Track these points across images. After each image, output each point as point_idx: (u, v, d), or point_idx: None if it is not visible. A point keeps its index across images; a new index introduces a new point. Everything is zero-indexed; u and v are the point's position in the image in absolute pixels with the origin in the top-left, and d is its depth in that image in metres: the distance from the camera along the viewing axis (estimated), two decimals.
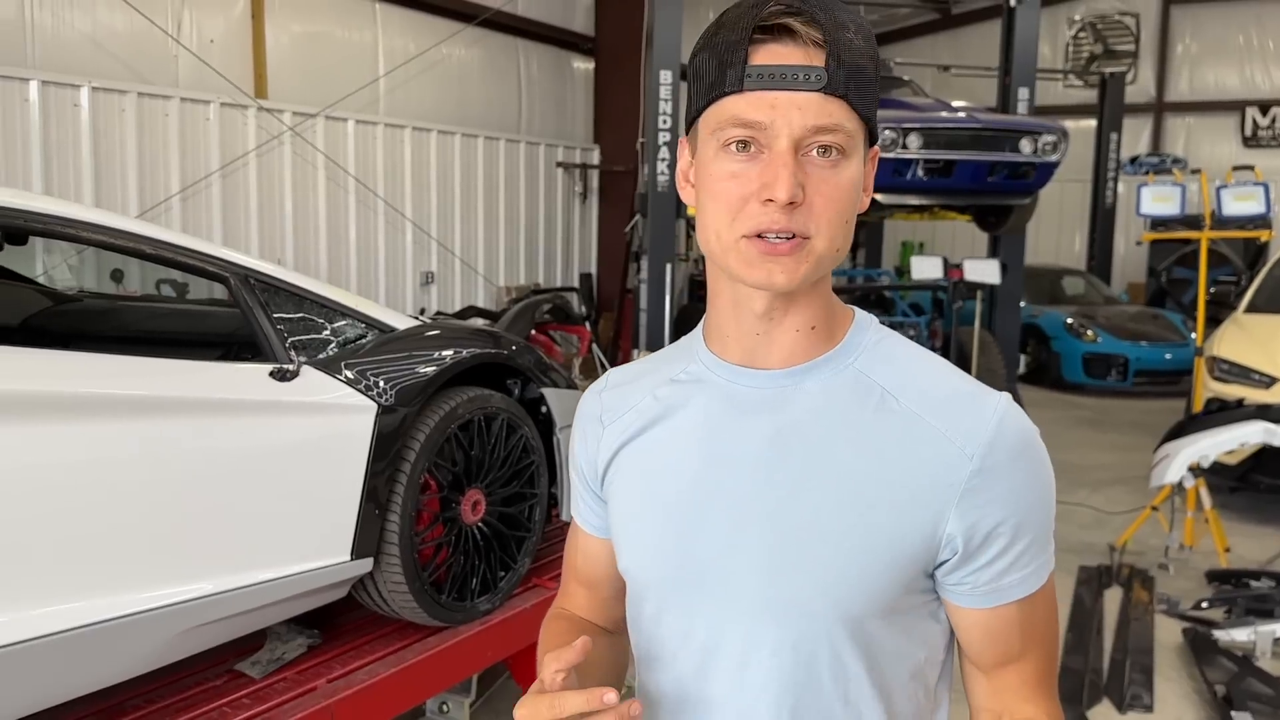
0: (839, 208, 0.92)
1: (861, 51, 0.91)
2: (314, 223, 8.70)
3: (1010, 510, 0.94)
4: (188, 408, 2.44)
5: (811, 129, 0.90)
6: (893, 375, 0.98)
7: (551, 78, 11.29)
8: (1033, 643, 1.00)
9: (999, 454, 0.93)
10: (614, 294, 11.73)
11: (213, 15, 7.85)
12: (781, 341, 0.99)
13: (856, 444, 0.95)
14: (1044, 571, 0.98)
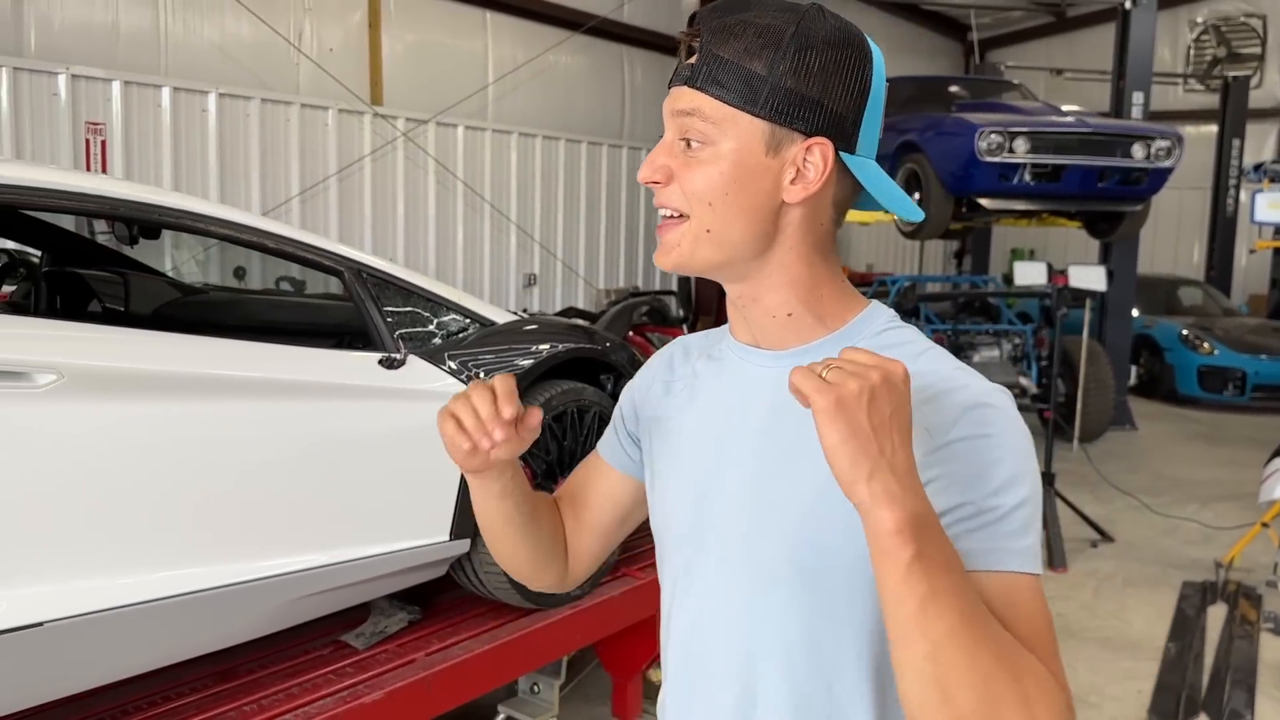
0: (705, 186, 1.00)
1: (742, 48, 0.99)
2: (423, 224, 9.00)
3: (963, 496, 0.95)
4: (305, 391, 2.61)
5: (680, 112, 1.01)
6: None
7: (654, 83, 11.42)
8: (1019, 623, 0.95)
9: (960, 442, 0.95)
10: (712, 298, 11.77)
11: (332, 25, 8.20)
12: (764, 326, 1.07)
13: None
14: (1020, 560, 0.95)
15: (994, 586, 0.94)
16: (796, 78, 0.99)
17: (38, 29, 6.52)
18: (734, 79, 0.99)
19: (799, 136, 1.01)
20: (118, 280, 3.34)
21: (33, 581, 2.11)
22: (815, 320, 1.06)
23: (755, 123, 1.00)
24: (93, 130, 6.67)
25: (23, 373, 2.07)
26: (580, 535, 1.31)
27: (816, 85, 1.00)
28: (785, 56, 0.99)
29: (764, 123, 1.00)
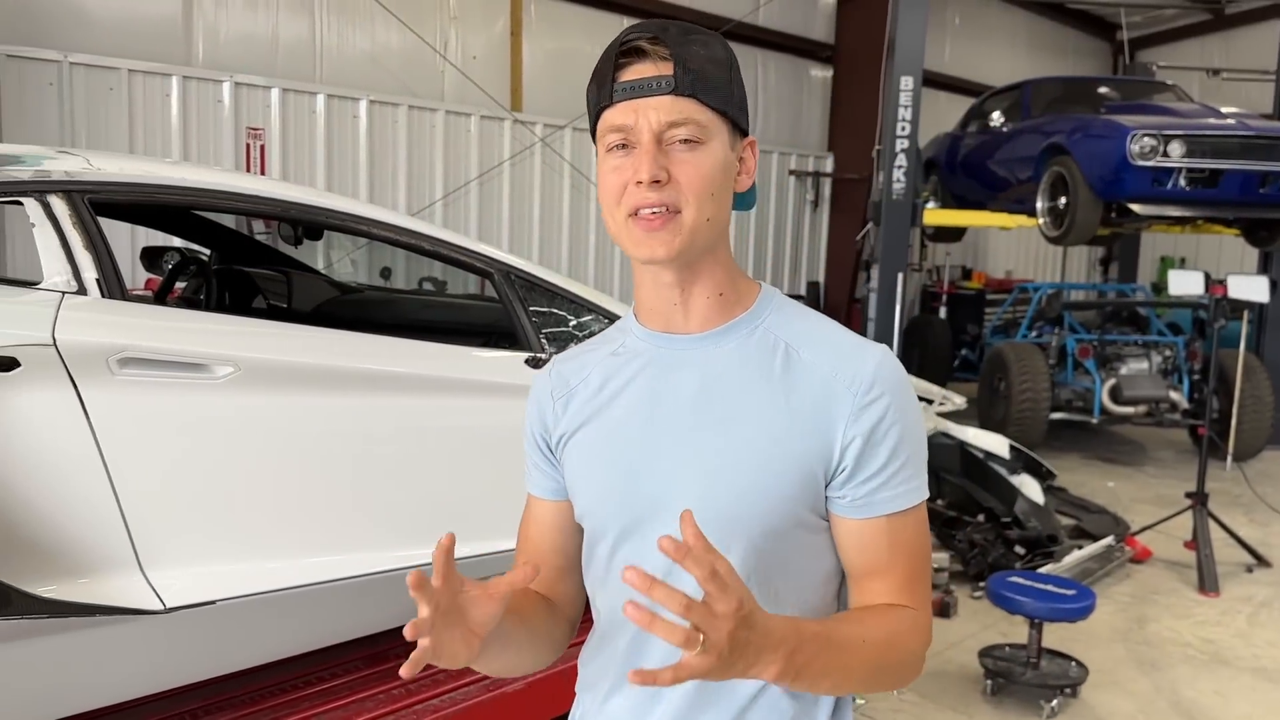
0: (701, 183, 1.12)
1: (707, 59, 1.13)
2: (558, 227, 9.16)
3: (884, 435, 1.13)
4: (457, 388, 2.70)
5: (666, 124, 1.12)
6: (794, 334, 1.19)
7: (788, 86, 11.34)
8: (900, 557, 1.16)
9: (876, 390, 1.14)
10: (841, 303, 11.63)
11: (476, 34, 8.44)
12: (696, 308, 1.20)
13: (768, 390, 1.16)
14: (913, 496, 1.16)
15: (884, 527, 1.15)
16: (739, 89, 1.17)
17: (205, 40, 6.91)
18: (714, 87, 1.13)
19: (740, 136, 1.18)
20: (281, 278, 3.51)
21: (207, 561, 2.24)
22: (737, 299, 1.21)
23: (724, 124, 1.15)
24: (253, 135, 7.04)
25: (204, 364, 2.21)
26: (560, 581, 1.33)
27: (741, 95, 1.18)
28: (731, 72, 1.16)
29: (728, 124, 1.16)
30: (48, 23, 6.17)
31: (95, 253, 2.21)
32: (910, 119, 8.77)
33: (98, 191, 2.29)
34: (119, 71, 6.40)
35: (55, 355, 1.98)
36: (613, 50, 1.16)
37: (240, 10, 7.06)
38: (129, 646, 2.17)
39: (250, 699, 2.55)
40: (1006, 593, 3.90)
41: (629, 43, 1.14)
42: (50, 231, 2.18)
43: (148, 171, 2.48)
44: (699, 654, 0.92)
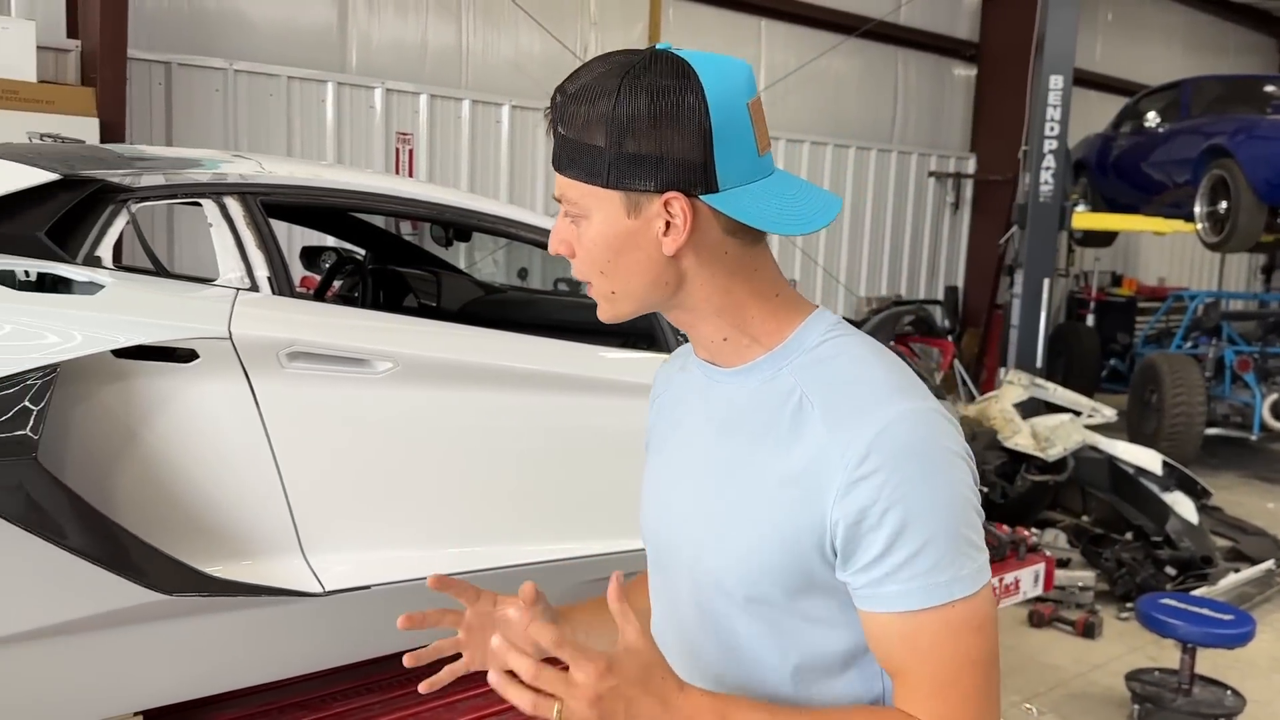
0: (589, 258, 1.07)
1: (579, 127, 1.03)
2: None
3: (881, 518, 0.98)
4: (601, 388, 2.75)
5: (556, 194, 1.08)
6: (815, 380, 1.06)
7: (930, 85, 11.08)
8: (921, 662, 1.01)
9: (870, 464, 0.98)
10: (981, 309, 11.28)
11: (615, 36, 8.54)
12: (709, 348, 1.13)
13: (773, 442, 1.05)
14: (933, 594, 0.99)
15: (896, 626, 1.00)
16: (631, 142, 1.01)
17: (359, 48, 7.21)
18: (579, 157, 1.04)
19: (653, 195, 1.03)
20: (431, 278, 3.63)
21: (363, 548, 2.35)
22: (751, 341, 1.10)
23: (609, 193, 1.04)
24: (402, 140, 7.30)
25: (366, 360, 2.31)
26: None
27: (650, 143, 1.02)
28: (615, 125, 1.01)
29: (615, 192, 1.04)
30: (215, 33, 6.55)
31: (266, 252, 2.34)
32: (1059, 119, 8.48)
33: (269, 194, 2.43)
34: (279, 78, 6.73)
35: (231, 348, 2.11)
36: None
37: (391, 18, 7.33)
38: (289, 627, 2.29)
39: (379, 687, 2.65)
40: (1159, 615, 3.73)
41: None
42: (226, 231, 2.32)
43: (314, 175, 2.62)
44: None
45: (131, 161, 2.32)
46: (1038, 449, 5.86)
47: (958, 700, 1.01)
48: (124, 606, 1.96)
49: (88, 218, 2.16)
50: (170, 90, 6.31)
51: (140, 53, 6.00)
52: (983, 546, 1.03)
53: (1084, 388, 8.74)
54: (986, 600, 1.02)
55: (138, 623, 2.03)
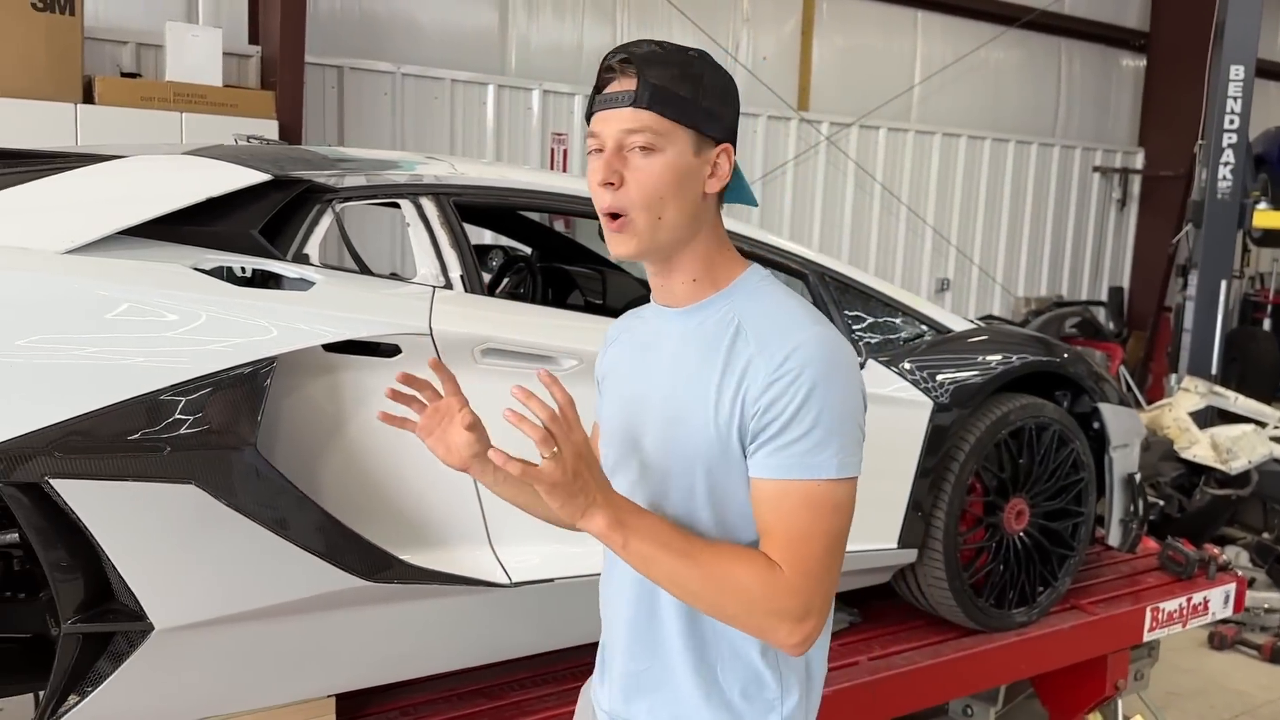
0: (650, 186, 1.33)
1: (670, 77, 1.33)
2: (839, 227, 9.04)
3: (785, 405, 1.29)
4: None
5: (625, 132, 1.33)
6: (750, 314, 1.37)
7: (1095, 77, 10.58)
8: (780, 524, 1.30)
9: (787, 366, 1.29)
10: (1148, 311, 10.72)
11: (767, 34, 8.47)
12: (676, 289, 1.43)
13: (714, 359, 1.36)
14: (805, 470, 1.29)
15: (768, 490, 1.32)
16: (709, 100, 1.36)
17: (518, 50, 7.36)
18: (671, 100, 1.33)
19: (712, 144, 1.38)
20: (597, 276, 3.67)
21: (546, 541, 2.37)
22: (711, 282, 1.42)
23: (687, 133, 1.34)
24: (557, 140, 7.42)
25: (553, 357, 2.35)
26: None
27: (719, 106, 1.38)
28: (701, 85, 1.35)
29: (693, 133, 1.35)
30: (384, 37, 6.79)
31: (460, 251, 2.40)
32: (1240, 111, 7.97)
33: (461, 194, 2.49)
34: (443, 81, 6.94)
35: (430, 344, 2.17)
36: (600, 69, 1.38)
37: (549, 20, 7.46)
38: (476, 616, 2.34)
39: (554, 678, 2.68)
40: None
41: (607, 62, 1.37)
42: (422, 231, 2.39)
43: (502, 175, 2.67)
44: (550, 460, 1.22)
45: (335, 163, 2.41)
46: (1219, 461, 5.53)
47: (805, 555, 1.29)
48: (329, 591, 2.04)
49: (295, 217, 2.26)
50: (342, 93, 6.58)
51: (315, 57, 6.27)
52: (858, 448, 1.33)
53: (1260, 397, 8.19)
54: (847, 490, 1.32)
55: (338, 608, 2.11)
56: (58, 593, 1.83)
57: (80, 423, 1.77)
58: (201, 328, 1.90)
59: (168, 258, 2.02)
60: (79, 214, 2.00)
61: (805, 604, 1.28)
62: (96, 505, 1.79)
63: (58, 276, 1.83)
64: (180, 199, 2.07)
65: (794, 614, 1.28)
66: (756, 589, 1.28)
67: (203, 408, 1.85)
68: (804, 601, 1.28)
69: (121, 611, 1.89)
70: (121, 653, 1.92)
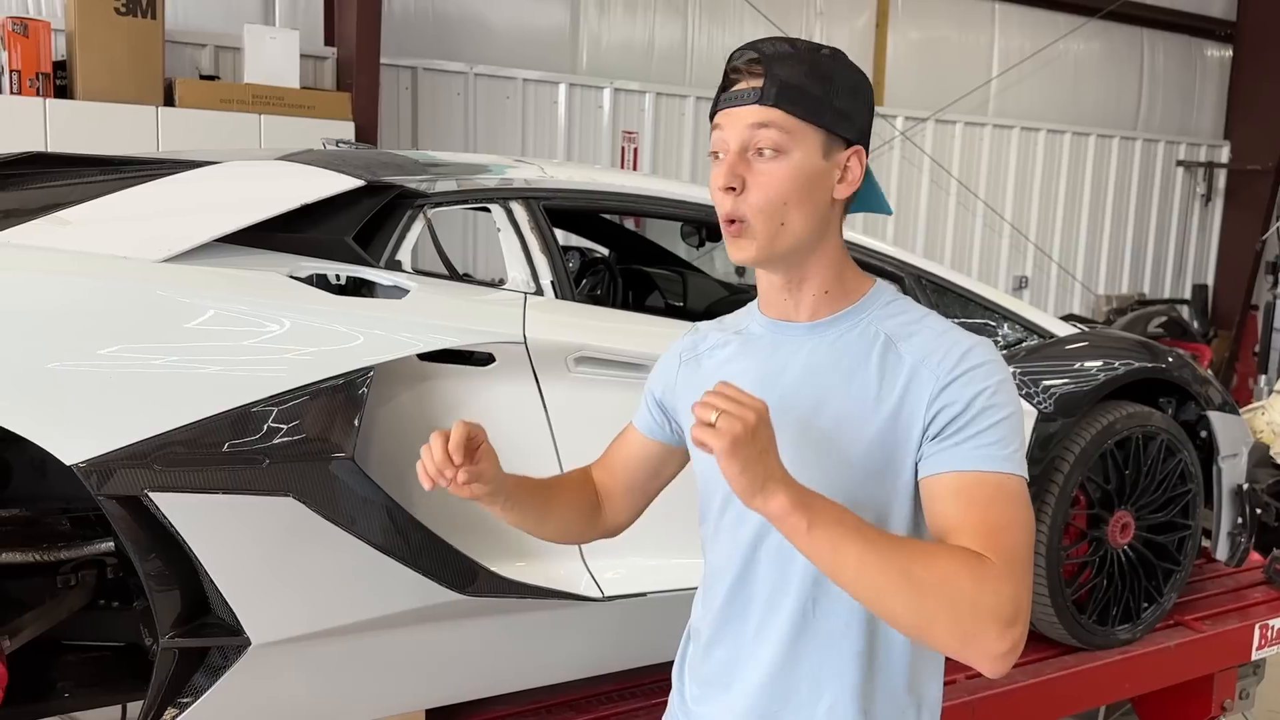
0: (771, 192, 1.24)
1: (800, 74, 1.24)
2: (913, 223, 8.87)
3: (968, 403, 1.22)
4: None
5: (750, 128, 1.24)
6: (894, 327, 1.31)
7: (1178, 68, 10.24)
8: (976, 516, 1.18)
9: (958, 370, 1.24)
10: (1233, 310, 10.35)
11: (840, 27, 8.33)
12: (804, 301, 1.34)
13: (863, 376, 1.28)
14: (1001, 462, 1.20)
15: (958, 483, 1.20)
16: (842, 99, 1.27)
17: (589, 48, 7.33)
18: (801, 98, 1.24)
19: (843, 145, 1.29)
20: (677, 278, 3.60)
21: (639, 554, 2.32)
22: (843, 295, 1.34)
23: (817, 133, 1.26)
24: (628, 139, 7.37)
25: (644, 365, 2.27)
26: (617, 494, 1.60)
27: (852, 106, 1.29)
28: (833, 84, 1.27)
29: (823, 133, 1.26)
30: (457, 38, 6.80)
31: (550, 256, 2.34)
32: None
33: (551, 197, 2.44)
34: (515, 81, 6.93)
35: (524, 352, 2.11)
36: (726, 68, 1.31)
37: (620, 18, 7.40)
38: (568, 630, 2.29)
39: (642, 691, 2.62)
40: None
41: (733, 62, 1.29)
42: (512, 236, 2.34)
43: (590, 178, 2.61)
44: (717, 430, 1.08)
45: (426, 167, 2.37)
46: None
47: (1009, 545, 1.16)
48: (423, 605, 2.00)
49: (388, 223, 2.22)
50: (416, 94, 6.60)
51: (389, 58, 6.30)
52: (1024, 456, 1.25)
53: None
54: (1026, 491, 1.23)
55: (432, 621, 2.07)
56: (155, 606, 1.81)
57: (179, 435, 1.74)
58: (299, 337, 1.87)
59: (263, 265, 1.99)
60: (175, 221, 1.98)
61: (1015, 602, 1.11)
62: (195, 518, 1.76)
63: (157, 286, 1.81)
64: (276, 205, 2.04)
65: (1004, 614, 1.10)
66: (966, 581, 1.10)
67: (301, 419, 1.81)
68: (1013, 597, 1.11)
69: (218, 626, 1.87)
70: (217, 666, 1.90)
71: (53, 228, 1.87)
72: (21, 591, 2.16)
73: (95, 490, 1.70)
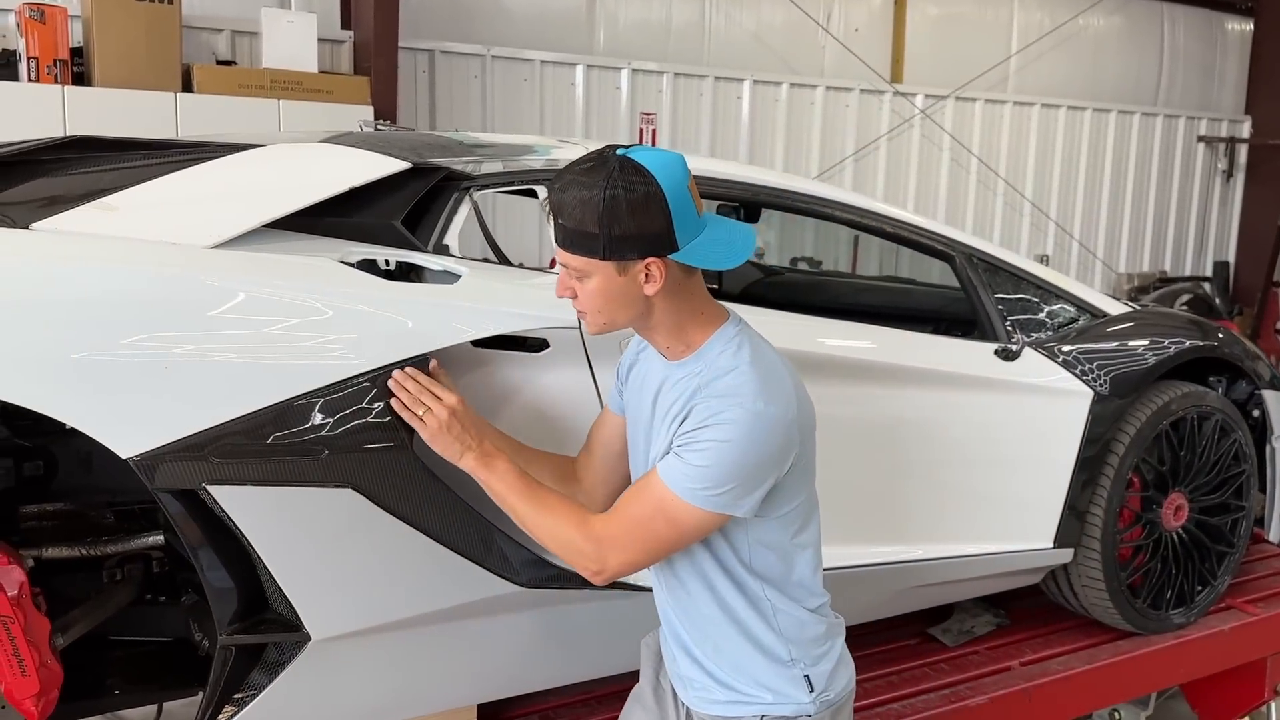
0: (588, 303, 1.61)
1: (579, 217, 1.54)
2: (934, 203, 8.76)
3: (696, 438, 1.57)
4: (926, 379, 2.56)
5: (561, 265, 1.62)
6: (710, 374, 1.61)
7: (1198, 42, 10.08)
8: (626, 498, 1.67)
9: (712, 419, 1.56)
10: (1255, 286, 10.22)
11: (858, 4, 8.20)
12: (662, 349, 1.69)
13: (676, 411, 1.63)
14: (672, 478, 1.59)
15: (649, 480, 1.63)
16: (621, 226, 1.52)
17: (605, 29, 7.23)
18: (581, 241, 1.55)
19: (636, 259, 1.55)
20: None
21: None
22: (685, 347, 1.66)
23: (603, 263, 1.56)
24: (645, 120, 7.28)
25: None
26: (594, 467, 1.90)
27: (632, 225, 1.53)
28: (605, 217, 1.52)
29: (609, 262, 1.55)
30: (474, 20, 6.71)
31: None
32: None
33: None
34: (532, 63, 6.84)
35: (579, 338, 2.05)
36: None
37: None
38: (624, 621, 2.23)
39: None
40: None
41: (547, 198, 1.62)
42: None
43: None
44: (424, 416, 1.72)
45: (471, 148, 2.31)
46: None
47: (621, 518, 1.64)
48: (483, 597, 1.95)
49: (434, 206, 2.16)
50: (433, 77, 6.52)
51: (406, 41, 6.21)
52: (736, 497, 1.58)
53: None
54: (692, 516, 1.58)
55: (490, 614, 2.02)
56: (213, 602, 1.76)
57: (236, 426, 1.69)
58: (354, 325, 1.81)
59: (313, 251, 1.93)
60: (223, 206, 1.92)
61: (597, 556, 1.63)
62: (253, 512, 1.71)
63: (209, 273, 1.75)
64: (325, 189, 1.98)
65: (577, 549, 1.65)
66: (571, 535, 1.64)
67: (359, 409, 1.75)
68: (594, 553, 1.63)
69: (276, 621, 1.82)
70: (275, 663, 1.85)
71: (99, 214, 1.81)
72: (68, 586, 2.11)
73: (151, 484, 1.65)
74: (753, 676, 1.71)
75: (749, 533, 1.66)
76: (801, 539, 1.74)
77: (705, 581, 1.70)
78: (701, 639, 1.73)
